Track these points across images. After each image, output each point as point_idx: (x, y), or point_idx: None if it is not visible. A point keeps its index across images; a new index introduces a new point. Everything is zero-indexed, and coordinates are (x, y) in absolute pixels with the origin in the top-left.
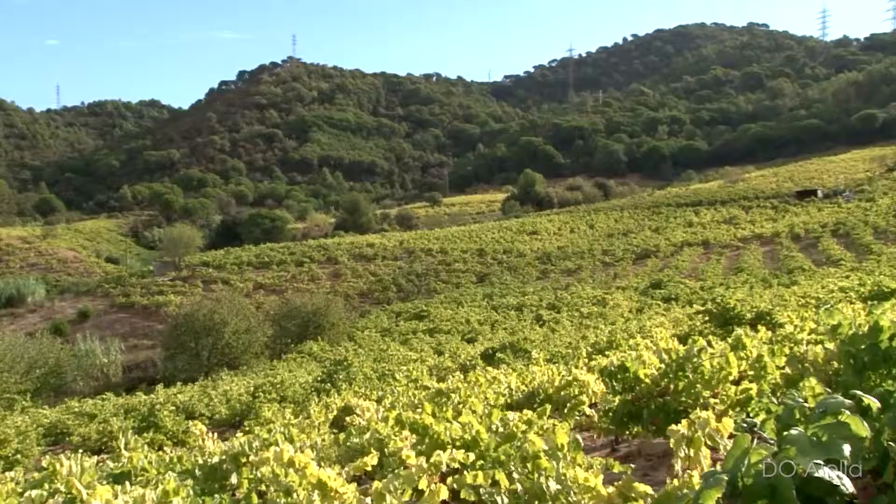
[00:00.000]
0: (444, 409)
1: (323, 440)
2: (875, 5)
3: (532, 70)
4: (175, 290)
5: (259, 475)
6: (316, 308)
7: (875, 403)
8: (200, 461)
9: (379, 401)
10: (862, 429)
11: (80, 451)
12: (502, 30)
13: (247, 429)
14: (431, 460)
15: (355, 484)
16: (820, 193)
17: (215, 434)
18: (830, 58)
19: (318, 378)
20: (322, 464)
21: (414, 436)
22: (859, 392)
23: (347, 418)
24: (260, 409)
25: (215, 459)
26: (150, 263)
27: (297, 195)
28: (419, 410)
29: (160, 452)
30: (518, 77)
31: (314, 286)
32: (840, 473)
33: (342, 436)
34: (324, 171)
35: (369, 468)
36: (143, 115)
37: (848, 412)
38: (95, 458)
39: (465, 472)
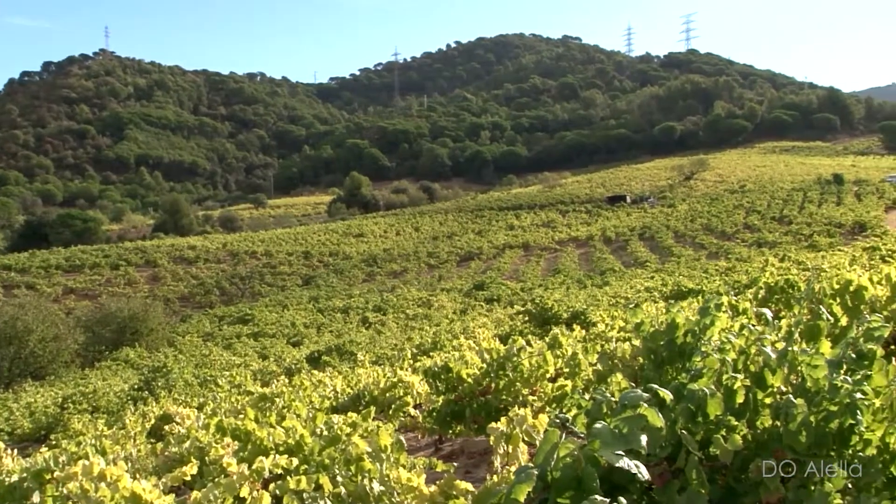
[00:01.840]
0: (268, 414)
1: (139, 451)
2: (671, 27)
3: (358, 73)
4: None
5: (66, 492)
6: (133, 313)
7: (668, 396)
8: None
9: (200, 408)
10: (657, 420)
11: None
12: (328, 31)
13: (53, 443)
14: (254, 467)
15: (173, 495)
16: (628, 199)
17: (16, 451)
18: (635, 72)
19: (135, 386)
20: (137, 476)
21: (236, 442)
22: (655, 385)
23: (166, 427)
24: (69, 421)
25: (14, 478)
26: None
27: (112, 195)
28: (242, 416)
29: None
30: (344, 79)
31: (131, 290)
32: (638, 462)
33: (160, 445)
34: (141, 170)
35: (188, 478)
36: None
37: (646, 405)
38: None
39: (289, 478)
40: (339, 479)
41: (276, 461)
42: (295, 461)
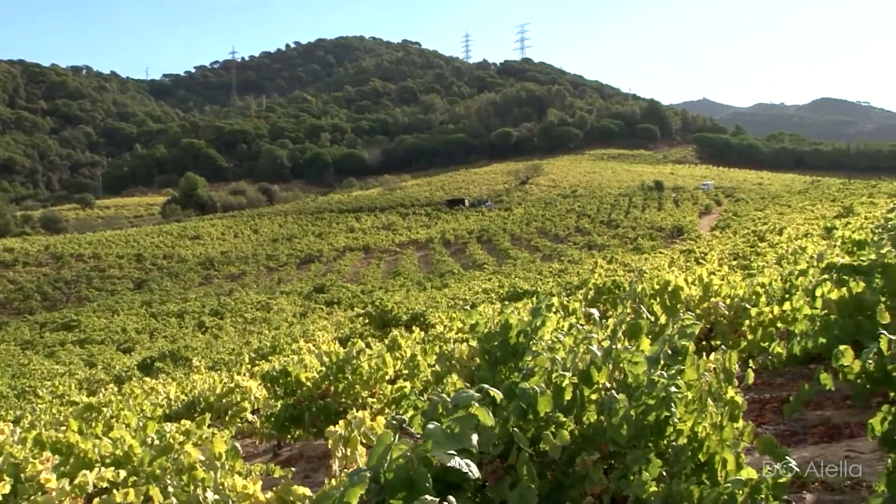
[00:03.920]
0: (94, 424)
1: None
2: (507, 35)
3: (193, 70)
4: None
5: None
6: None
7: (499, 395)
8: None
9: (17, 421)
10: (488, 419)
11: None
12: (161, 26)
13: None
14: (76, 481)
15: None
16: (467, 202)
17: None
18: (473, 78)
19: None
20: None
21: (57, 457)
22: (487, 385)
23: None
24: None
25: None
26: None
27: None
28: (64, 428)
29: None
30: (179, 76)
31: None
32: (469, 462)
33: None
34: None
35: (0, 498)
36: None
37: (477, 404)
38: None
39: (115, 491)
40: (170, 489)
41: (102, 474)
42: (123, 473)
